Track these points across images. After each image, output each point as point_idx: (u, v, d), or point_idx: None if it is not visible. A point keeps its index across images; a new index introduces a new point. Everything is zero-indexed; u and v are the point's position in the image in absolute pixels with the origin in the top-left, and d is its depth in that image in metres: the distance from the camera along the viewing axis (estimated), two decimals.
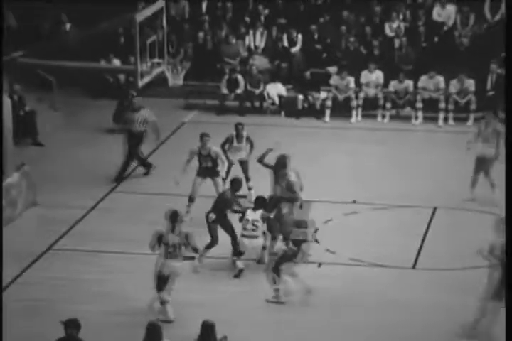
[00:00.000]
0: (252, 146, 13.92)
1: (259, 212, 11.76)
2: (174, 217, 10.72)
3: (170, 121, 17.81)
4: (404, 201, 13.85)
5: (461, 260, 12.09)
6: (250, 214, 11.73)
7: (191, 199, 13.21)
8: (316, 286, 11.40)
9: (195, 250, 10.81)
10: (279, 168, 12.37)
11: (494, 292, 10.16)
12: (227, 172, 13.63)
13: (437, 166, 15.32)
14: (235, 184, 12.06)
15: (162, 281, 10.62)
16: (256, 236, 11.71)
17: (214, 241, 11.96)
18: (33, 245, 12.43)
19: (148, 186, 14.67)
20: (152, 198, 14.10)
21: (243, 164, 14.01)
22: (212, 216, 11.90)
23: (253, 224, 11.65)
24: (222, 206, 11.95)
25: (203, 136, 13.40)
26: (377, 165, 15.42)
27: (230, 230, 11.95)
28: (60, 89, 18.54)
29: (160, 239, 10.68)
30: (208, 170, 13.28)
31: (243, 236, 11.77)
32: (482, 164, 13.62)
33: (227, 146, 14.00)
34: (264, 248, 11.92)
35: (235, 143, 13.96)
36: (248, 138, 14.01)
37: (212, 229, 11.95)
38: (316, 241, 12.48)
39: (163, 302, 10.65)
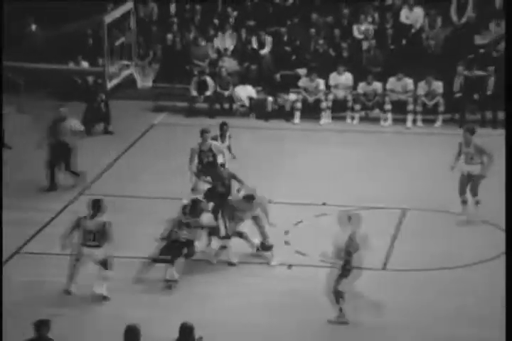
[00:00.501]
0: (229, 147, 13.95)
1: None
2: (95, 204, 11.00)
3: (139, 123, 17.75)
4: (374, 202, 13.90)
5: (431, 261, 12.17)
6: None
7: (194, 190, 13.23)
8: (286, 288, 11.41)
9: (109, 239, 10.94)
10: None
11: (330, 290, 10.44)
12: None
13: (406, 168, 15.40)
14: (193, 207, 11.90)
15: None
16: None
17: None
18: (3, 248, 12.30)
19: (118, 188, 14.59)
20: (122, 200, 14.02)
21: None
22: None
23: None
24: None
25: (204, 132, 13.43)
26: (346, 166, 15.47)
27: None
28: (27, 92, 18.39)
29: (78, 225, 10.97)
30: (209, 164, 13.28)
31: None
32: (468, 182, 13.12)
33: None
34: (224, 247, 11.97)
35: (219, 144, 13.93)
36: (230, 138, 14.03)
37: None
38: (286, 243, 12.48)
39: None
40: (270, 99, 18.16)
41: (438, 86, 17.72)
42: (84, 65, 18.89)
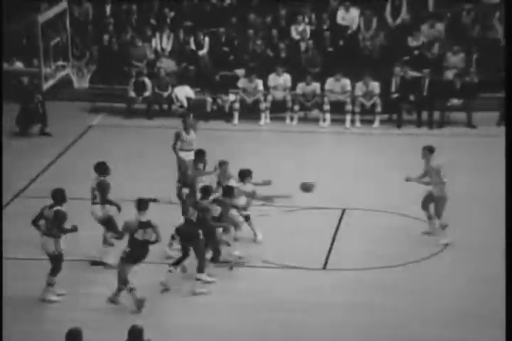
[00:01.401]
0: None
1: None
2: (54, 194, 11.08)
3: (76, 125, 17.53)
4: (313, 202, 13.96)
5: (370, 260, 12.26)
6: None
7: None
8: (228, 289, 11.38)
9: (61, 230, 10.93)
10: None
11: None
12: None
13: (345, 167, 15.51)
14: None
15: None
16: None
17: None
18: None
19: None
20: None
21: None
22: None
23: None
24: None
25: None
26: (286, 166, 15.51)
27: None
28: None
29: (42, 213, 11.10)
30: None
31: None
32: (431, 200, 12.65)
33: (179, 145, 13.76)
34: None
35: (184, 137, 13.81)
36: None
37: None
38: (228, 244, 12.45)
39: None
40: (209, 99, 18.12)
41: (375, 86, 17.90)
42: (19, 65, 18.58)
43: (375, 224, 13.37)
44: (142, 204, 10.85)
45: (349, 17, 19.55)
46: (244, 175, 12.58)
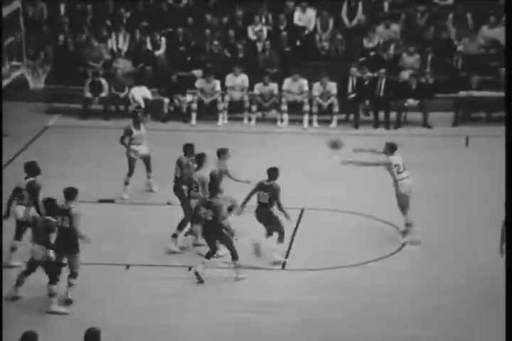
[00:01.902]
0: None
1: None
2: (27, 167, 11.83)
3: (32, 125, 17.35)
4: None
5: (329, 260, 12.31)
6: None
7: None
8: (189, 290, 11.35)
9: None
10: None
11: None
12: (131, 168, 13.87)
13: (303, 168, 15.55)
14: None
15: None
16: None
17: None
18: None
19: (7, 192, 14.16)
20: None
21: (146, 159, 14.03)
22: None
23: None
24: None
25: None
26: (244, 167, 15.48)
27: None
28: None
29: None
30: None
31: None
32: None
33: (127, 140, 13.85)
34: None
35: (135, 132, 13.92)
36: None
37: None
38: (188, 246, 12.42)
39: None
40: (166, 100, 18.04)
41: (332, 87, 17.99)
42: None
43: (332, 224, 13.43)
44: (70, 194, 11.05)
45: (306, 18, 19.63)
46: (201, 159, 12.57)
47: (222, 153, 12.93)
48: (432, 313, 10.88)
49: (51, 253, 10.71)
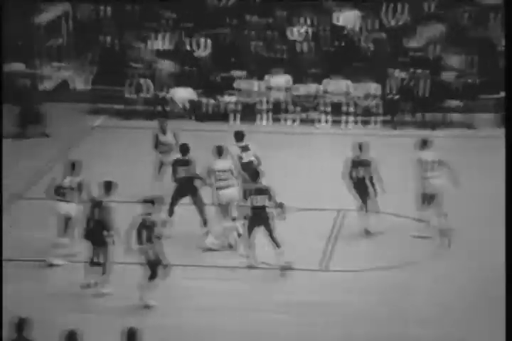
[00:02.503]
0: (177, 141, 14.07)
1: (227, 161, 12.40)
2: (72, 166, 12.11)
3: (76, 126, 17.58)
4: (311, 204, 14.00)
5: (368, 261, 12.30)
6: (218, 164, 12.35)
7: None
8: (227, 290, 11.42)
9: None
10: None
11: None
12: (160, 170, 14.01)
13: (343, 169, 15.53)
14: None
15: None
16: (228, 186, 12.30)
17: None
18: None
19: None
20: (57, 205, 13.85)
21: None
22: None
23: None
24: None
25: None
26: (285, 168, 15.55)
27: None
28: None
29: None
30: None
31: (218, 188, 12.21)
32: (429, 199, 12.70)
33: (159, 146, 14.12)
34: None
35: (161, 138, 14.14)
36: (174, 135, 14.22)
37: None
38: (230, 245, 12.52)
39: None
40: (208, 100, 18.16)
41: (374, 88, 17.94)
42: (20, 67, 18.63)
43: (373, 225, 13.40)
44: (107, 187, 11.38)
45: (348, 18, 19.59)
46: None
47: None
48: (476, 314, 10.83)
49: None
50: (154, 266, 10.88)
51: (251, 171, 12.42)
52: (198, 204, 12.84)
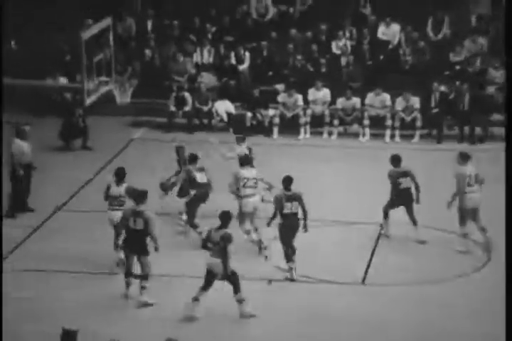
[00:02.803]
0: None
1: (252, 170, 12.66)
2: (119, 172, 12.32)
3: (118, 139, 17.73)
4: (351, 217, 13.95)
5: (409, 275, 12.21)
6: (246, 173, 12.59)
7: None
8: (266, 303, 11.40)
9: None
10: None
11: None
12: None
13: (384, 182, 15.44)
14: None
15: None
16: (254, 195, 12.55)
17: None
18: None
19: (97, 204, 14.53)
20: (101, 215, 13.95)
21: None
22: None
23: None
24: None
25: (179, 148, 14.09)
26: (324, 181, 15.52)
27: None
28: (4, 107, 18.32)
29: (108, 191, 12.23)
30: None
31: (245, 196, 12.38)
32: (470, 214, 12.64)
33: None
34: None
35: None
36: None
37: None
38: (266, 257, 12.49)
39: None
40: (249, 114, 18.22)
41: (415, 101, 17.86)
42: (63, 81, 18.87)
43: (412, 239, 13.31)
44: (140, 197, 11.42)
45: (390, 32, 19.56)
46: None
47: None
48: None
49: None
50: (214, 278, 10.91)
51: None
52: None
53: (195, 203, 13.11)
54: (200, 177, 13.22)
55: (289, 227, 11.99)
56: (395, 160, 13.32)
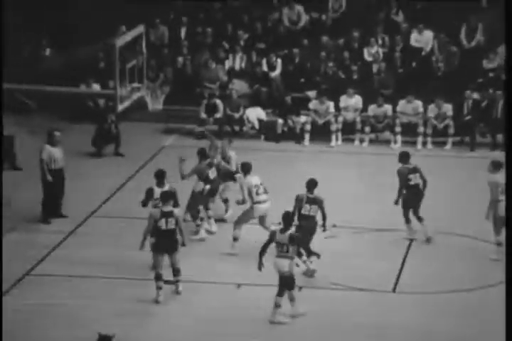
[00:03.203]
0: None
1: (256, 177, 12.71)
2: (159, 174, 12.53)
3: (149, 145, 17.81)
4: (383, 224, 13.89)
5: (440, 283, 12.12)
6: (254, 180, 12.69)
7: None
8: (294, 311, 11.38)
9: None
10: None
11: None
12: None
13: None
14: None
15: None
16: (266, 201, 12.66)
17: None
18: (11, 271, 12.32)
19: (129, 210, 14.63)
20: (131, 222, 14.04)
21: None
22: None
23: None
24: None
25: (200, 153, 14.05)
26: (356, 188, 15.47)
27: None
28: (39, 114, 18.50)
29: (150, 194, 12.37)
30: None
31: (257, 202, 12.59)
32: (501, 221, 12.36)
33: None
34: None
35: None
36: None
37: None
38: (297, 265, 12.46)
39: None
40: (280, 121, 18.22)
41: (448, 108, 17.76)
42: (96, 87, 19.01)
43: (445, 247, 13.21)
44: (167, 197, 11.58)
45: (423, 39, 19.48)
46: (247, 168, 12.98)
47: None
48: None
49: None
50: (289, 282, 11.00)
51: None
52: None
53: (204, 198, 13.41)
54: (212, 173, 13.53)
55: (306, 229, 12.02)
56: (404, 156, 13.37)
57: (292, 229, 11.11)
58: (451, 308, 11.52)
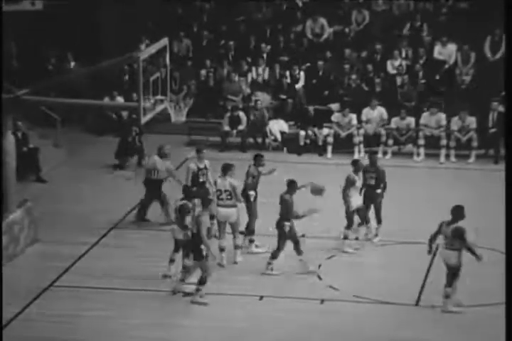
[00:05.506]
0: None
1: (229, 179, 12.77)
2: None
3: (172, 158, 17.82)
4: (406, 237, 13.82)
5: (465, 297, 12.03)
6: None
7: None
8: (319, 322, 11.33)
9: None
10: None
11: None
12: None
13: (439, 202, 15.29)
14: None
15: None
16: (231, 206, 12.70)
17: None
18: (35, 282, 12.38)
19: (151, 222, 14.69)
20: (155, 234, 14.09)
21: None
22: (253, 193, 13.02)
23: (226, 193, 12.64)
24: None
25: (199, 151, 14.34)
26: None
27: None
28: (63, 126, 18.64)
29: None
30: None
31: (219, 205, 12.66)
32: None
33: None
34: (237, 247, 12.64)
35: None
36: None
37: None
38: (319, 277, 12.44)
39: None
40: (302, 133, 18.24)
41: (471, 121, 17.70)
42: (120, 100, 19.13)
43: (469, 260, 13.11)
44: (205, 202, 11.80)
45: (446, 52, 19.46)
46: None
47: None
48: None
49: None
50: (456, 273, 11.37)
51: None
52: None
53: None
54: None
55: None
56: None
57: (457, 224, 11.37)
58: (473, 322, 11.42)
